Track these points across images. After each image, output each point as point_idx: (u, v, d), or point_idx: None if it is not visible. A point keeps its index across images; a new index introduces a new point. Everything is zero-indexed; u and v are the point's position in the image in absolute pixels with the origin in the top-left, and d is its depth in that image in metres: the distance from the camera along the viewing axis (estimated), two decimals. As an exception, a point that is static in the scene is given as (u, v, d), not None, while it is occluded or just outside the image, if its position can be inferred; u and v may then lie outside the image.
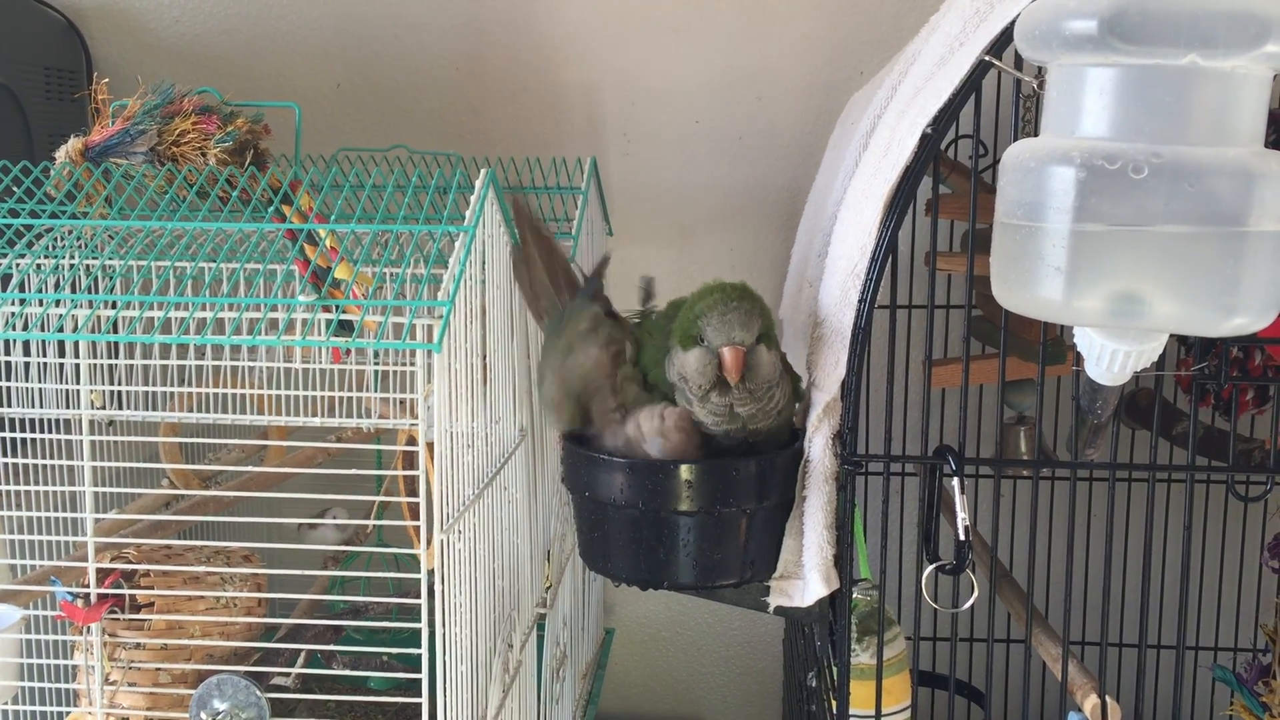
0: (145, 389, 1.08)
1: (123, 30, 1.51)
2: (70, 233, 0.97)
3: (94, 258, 0.95)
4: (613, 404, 0.87)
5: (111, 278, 0.92)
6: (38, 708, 1.00)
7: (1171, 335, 0.73)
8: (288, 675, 1.02)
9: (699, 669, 1.61)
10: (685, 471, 0.83)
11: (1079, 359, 0.76)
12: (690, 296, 0.86)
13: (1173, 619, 0.95)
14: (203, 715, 0.90)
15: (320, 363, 1.06)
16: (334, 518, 1.09)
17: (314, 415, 1.05)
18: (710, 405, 0.84)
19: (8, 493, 0.97)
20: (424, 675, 0.84)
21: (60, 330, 0.87)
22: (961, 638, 1.32)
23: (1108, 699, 0.86)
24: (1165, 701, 1.26)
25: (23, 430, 1.02)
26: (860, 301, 0.85)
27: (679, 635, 1.60)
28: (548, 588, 1.17)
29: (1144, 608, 0.87)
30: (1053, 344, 0.96)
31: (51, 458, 1.01)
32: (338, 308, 0.88)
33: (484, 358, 0.94)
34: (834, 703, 0.90)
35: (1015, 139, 0.78)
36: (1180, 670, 0.89)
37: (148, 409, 1.09)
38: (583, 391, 0.88)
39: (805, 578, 0.87)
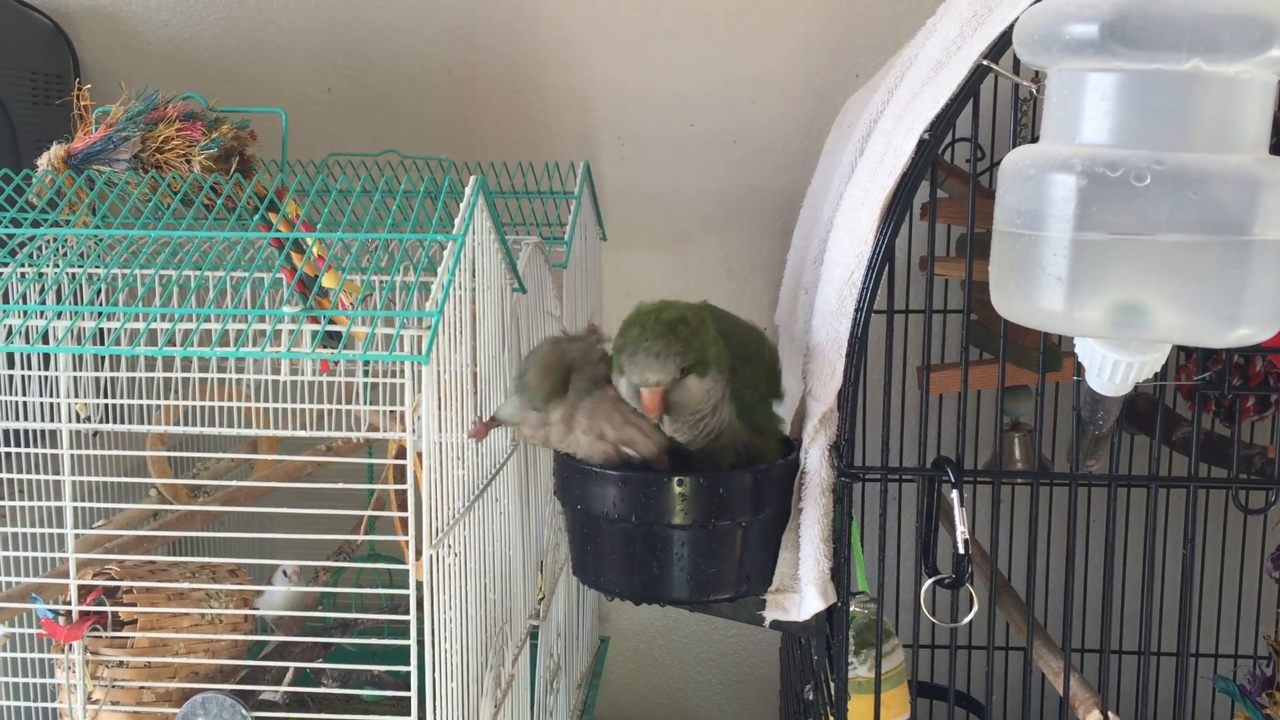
0: (130, 401, 1.06)
1: (111, 34, 1.49)
2: (52, 241, 0.95)
3: (77, 266, 0.94)
4: (588, 375, 0.86)
5: (95, 286, 0.90)
6: (20, 726, 0.98)
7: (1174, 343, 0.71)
8: (276, 693, 1.00)
9: (695, 678, 1.60)
10: (679, 484, 0.82)
11: (1079, 369, 0.75)
12: (625, 320, 0.83)
13: (1172, 626, 0.94)
14: (188, 733, 0.89)
15: (308, 374, 1.05)
16: (284, 573, 1.04)
17: (302, 427, 1.03)
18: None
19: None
20: (413, 692, 0.82)
21: (43, 341, 0.85)
22: (960, 645, 1.30)
23: (1110, 714, 0.85)
24: (1165, 708, 1.25)
25: (4, 444, 1.00)
26: (856, 310, 0.84)
27: (674, 644, 1.59)
28: (541, 599, 1.16)
29: (1145, 616, 0.85)
30: (1050, 351, 0.95)
31: (35, 472, 0.99)
32: (325, 317, 0.86)
33: (474, 368, 0.92)
34: (832, 718, 0.89)
35: (1013, 143, 0.76)
36: (1182, 679, 0.87)
37: (133, 421, 1.07)
38: (572, 364, 0.87)
39: (802, 591, 0.86)
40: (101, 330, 0.87)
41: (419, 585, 0.81)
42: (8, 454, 1.00)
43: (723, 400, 0.83)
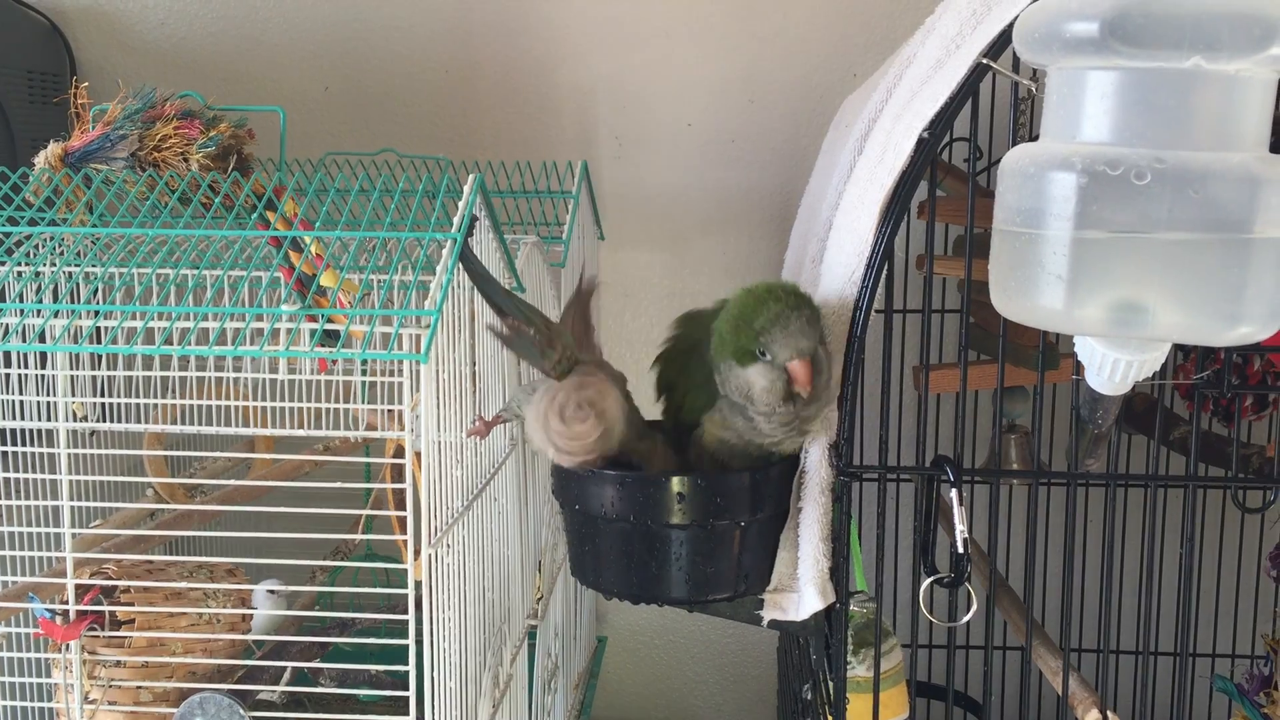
0: (127, 400, 1.06)
1: (107, 33, 1.49)
2: (49, 240, 0.95)
3: (74, 265, 0.93)
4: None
5: (92, 285, 0.90)
6: (17, 726, 0.98)
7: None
8: (273, 692, 1.00)
9: (692, 678, 1.59)
10: (677, 484, 0.82)
11: (1079, 368, 0.74)
12: (735, 306, 0.80)
13: (1170, 626, 0.94)
14: (186, 733, 0.88)
15: (306, 373, 1.04)
16: (268, 593, 1.03)
17: (301, 426, 1.03)
18: (777, 419, 0.80)
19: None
20: (411, 691, 0.82)
21: (40, 339, 0.85)
22: (959, 645, 1.30)
23: (1108, 713, 0.85)
24: (1163, 708, 1.25)
25: (2, 443, 1.00)
26: (856, 309, 0.83)
27: (672, 644, 1.59)
28: (539, 599, 1.16)
29: (1146, 616, 0.85)
30: (1049, 350, 0.95)
31: (32, 471, 0.99)
32: (323, 316, 0.86)
33: (473, 367, 0.92)
34: (830, 717, 0.89)
35: (1012, 142, 0.76)
36: (1182, 679, 0.87)
37: (130, 420, 1.07)
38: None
39: (800, 591, 0.85)
40: (99, 329, 0.87)
41: (417, 585, 0.81)
42: (4, 453, 1.00)
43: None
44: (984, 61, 0.77)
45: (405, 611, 0.82)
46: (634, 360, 1.47)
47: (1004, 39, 0.76)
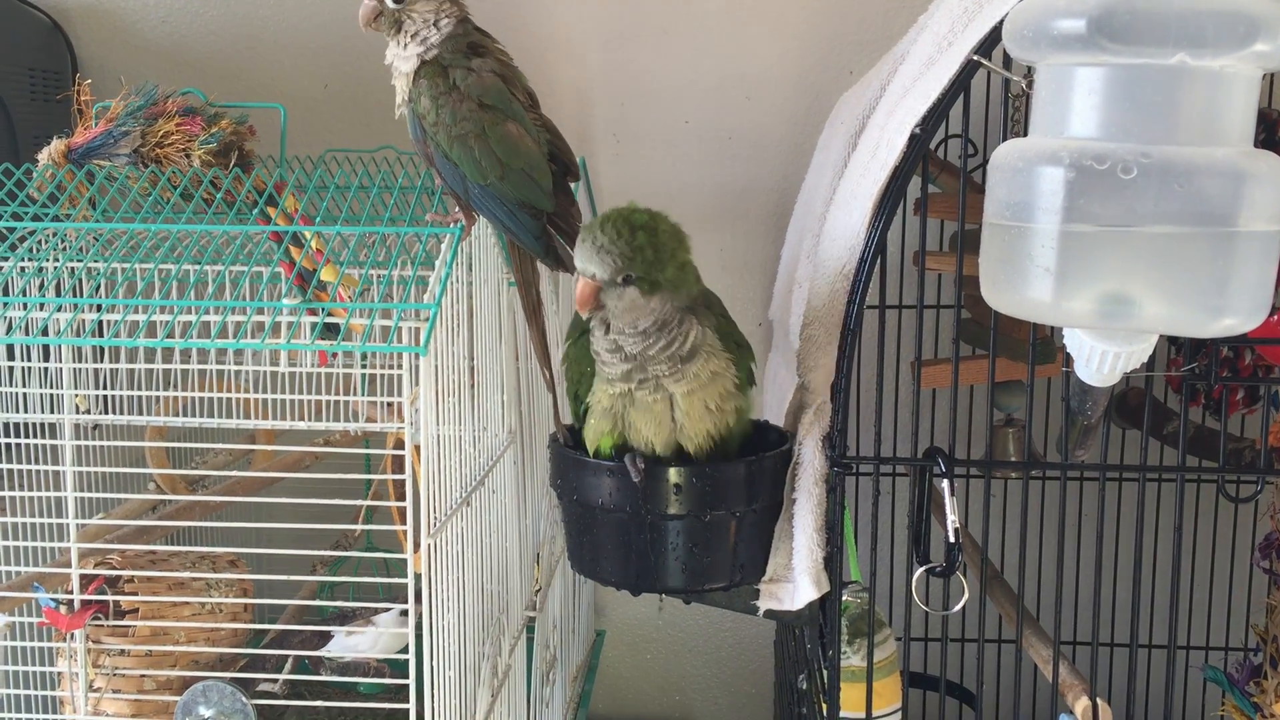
0: (130, 393, 1.07)
1: (108, 31, 1.50)
2: (53, 235, 0.96)
3: (77, 260, 0.95)
4: None
5: (95, 280, 0.91)
6: (21, 715, 0.99)
7: (1162, 335, 0.72)
8: (275, 681, 1.01)
9: (690, 671, 1.61)
10: (674, 475, 0.83)
11: (1069, 360, 0.76)
12: None
13: (1163, 618, 0.95)
14: (188, 722, 0.90)
15: (307, 366, 1.05)
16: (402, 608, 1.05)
17: (301, 419, 1.04)
18: (602, 345, 0.82)
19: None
20: (411, 680, 0.83)
21: (44, 334, 0.86)
22: (952, 638, 1.31)
23: (1099, 701, 0.86)
24: (1156, 701, 1.26)
25: (6, 435, 1.01)
26: (849, 302, 0.85)
27: (670, 637, 1.60)
28: (537, 590, 1.17)
29: (1135, 608, 0.86)
30: (1042, 344, 0.96)
31: (36, 463, 1.00)
32: (323, 310, 0.87)
33: (472, 360, 0.93)
34: (824, 705, 0.90)
35: (1005, 138, 0.77)
36: (1172, 670, 0.88)
37: (133, 413, 1.08)
38: None
39: (795, 581, 0.87)
40: (102, 323, 0.88)
41: (417, 577, 0.82)
42: (9, 445, 1.01)
43: (687, 321, 0.83)
44: (975, 59, 0.78)
45: (405, 602, 0.83)
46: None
47: (995, 36, 0.77)
